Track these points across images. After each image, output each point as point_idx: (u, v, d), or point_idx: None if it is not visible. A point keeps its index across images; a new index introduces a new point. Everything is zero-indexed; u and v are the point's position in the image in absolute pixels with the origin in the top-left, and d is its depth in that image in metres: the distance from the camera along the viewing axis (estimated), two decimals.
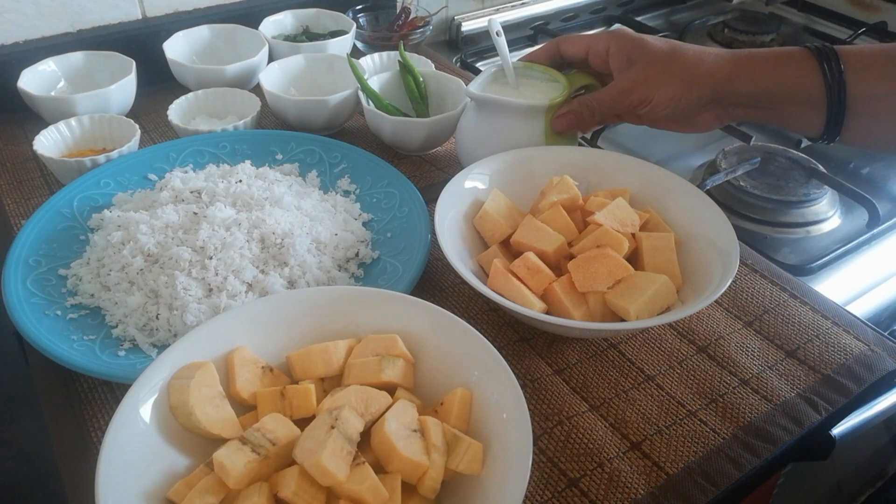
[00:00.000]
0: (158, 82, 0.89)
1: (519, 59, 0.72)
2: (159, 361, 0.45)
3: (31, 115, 0.82)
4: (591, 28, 1.29)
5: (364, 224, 0.69)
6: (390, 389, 0.47)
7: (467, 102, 0.75)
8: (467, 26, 1.18)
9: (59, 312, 0.57)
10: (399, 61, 0.84)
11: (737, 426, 0.53)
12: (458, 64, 1.11)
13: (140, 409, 0.43)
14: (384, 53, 0.92)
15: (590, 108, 0.66)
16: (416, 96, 0.83)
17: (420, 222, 0.66)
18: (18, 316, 0.55)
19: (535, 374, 0.57)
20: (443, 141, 0.82)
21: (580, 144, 0.80)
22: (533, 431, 0.42)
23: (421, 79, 0.84)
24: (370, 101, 0.79)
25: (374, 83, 0.82)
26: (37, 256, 0.61)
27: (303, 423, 0.44)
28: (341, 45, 0.94)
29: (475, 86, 0.70)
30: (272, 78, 0.84)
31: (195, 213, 0.63)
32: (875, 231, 0.79)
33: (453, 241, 0.60)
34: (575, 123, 0.67)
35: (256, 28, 0.94)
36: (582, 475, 0.50)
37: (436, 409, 0.46)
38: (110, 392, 0.54)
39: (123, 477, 0.40)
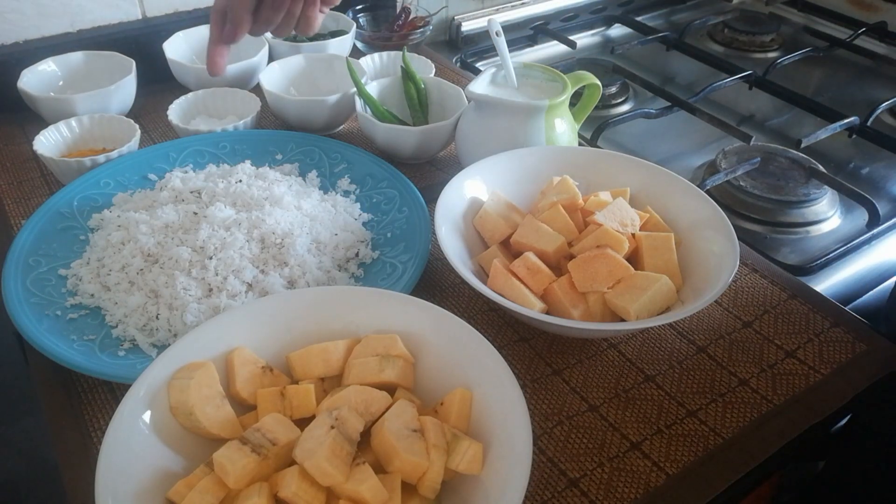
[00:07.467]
0: (158, 82, 0.89)
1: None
2: (159, 361, 0.45)
3: (31, 115, 0.82)
4: (592, 28, 1.29)
5: (364, 224, 0.69)
6: (390, 389, 0.47)
7: (461, 113, 0.75)
8: (467, 26, 1.18)
9: (58, 312, 0.57)
10: (402, 67, 0.84)
11: (736, 426, 0.53)
12: (458, 64, 1.11)
13: (140, 409, 0.43)
14: (384, 53, 0.92)
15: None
16: (415, 104, 0.82)
17: (420, 222, 0.66)
18: (18, 316, 0.55)
19: (535, 374, 0.57)
20: (437, 151, 0.80)
21: (580, 144, 0.80)
22: (533, 431, 0.42)
23: (423, 86, 0.83)
24: (367, 107, 0.79)
25: (376, 88, 0.81)
26: (37, 256, 0.61)
27: (303, 423, 0.44)
28: (341, 45, 0.94)
29: (475, 86, 0.70)
30: (272, 78, 0.84)
31: (195, 213, 0.63)
32: (875, 231, 0.78)
33: (453, 241, 0.60)
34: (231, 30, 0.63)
35: None
36: (582, 475, 0.50)
37: (436, 409, 0.46)
38: (110, 392, 0.54)
39: (123, 477, 0.40)
